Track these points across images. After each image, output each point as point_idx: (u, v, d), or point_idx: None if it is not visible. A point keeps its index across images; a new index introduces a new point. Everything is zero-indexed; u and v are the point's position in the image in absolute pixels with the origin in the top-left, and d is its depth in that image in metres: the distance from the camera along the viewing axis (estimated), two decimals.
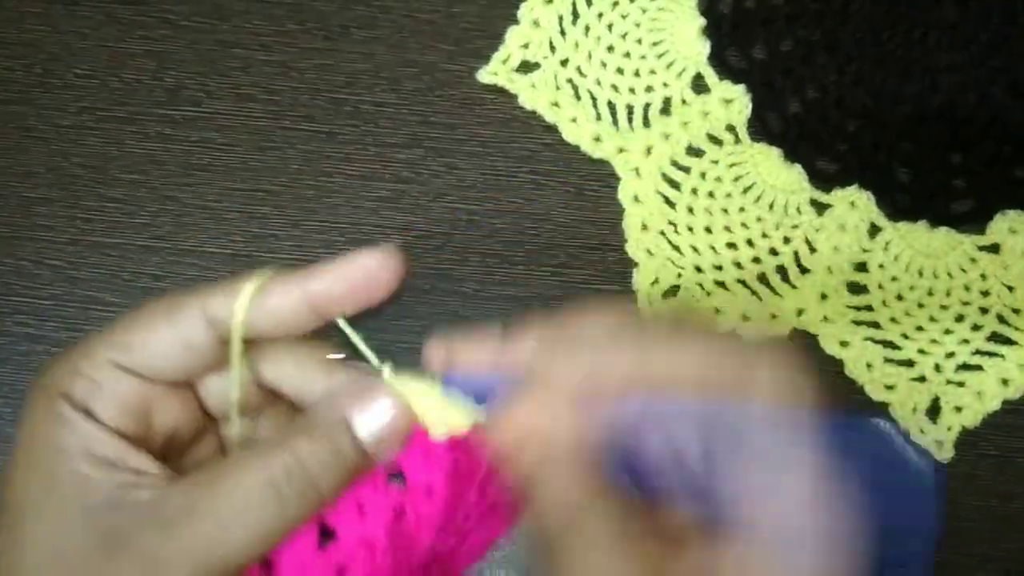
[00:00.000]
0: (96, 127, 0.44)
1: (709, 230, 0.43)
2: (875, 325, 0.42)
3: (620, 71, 0.44)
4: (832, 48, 0.44)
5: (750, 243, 0.42)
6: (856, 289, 0.42)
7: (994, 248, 0.42)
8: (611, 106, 0.44)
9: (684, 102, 0.44)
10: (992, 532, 0.41)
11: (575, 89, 0.44)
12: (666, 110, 0.44)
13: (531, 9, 0.44)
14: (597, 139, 0.43)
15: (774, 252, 0.42)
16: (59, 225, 0.43)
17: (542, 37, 0.44)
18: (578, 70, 0.44)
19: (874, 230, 0.42)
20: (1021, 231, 0.42)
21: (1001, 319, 0.42)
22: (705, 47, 0.44)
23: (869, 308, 0.42)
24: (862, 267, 0.42)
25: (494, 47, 0.44)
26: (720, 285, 0.42)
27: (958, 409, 0.41)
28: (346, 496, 0.26)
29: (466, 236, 0.43)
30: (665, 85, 0.44)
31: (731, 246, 0.42)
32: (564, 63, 0.44)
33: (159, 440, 0.27)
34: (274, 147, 0.44)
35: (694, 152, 0.43)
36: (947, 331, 0.41)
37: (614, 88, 0.44)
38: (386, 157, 0.44)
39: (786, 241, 0.42)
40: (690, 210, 0.43)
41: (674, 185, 0.43)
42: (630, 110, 0.44)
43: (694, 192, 0.43)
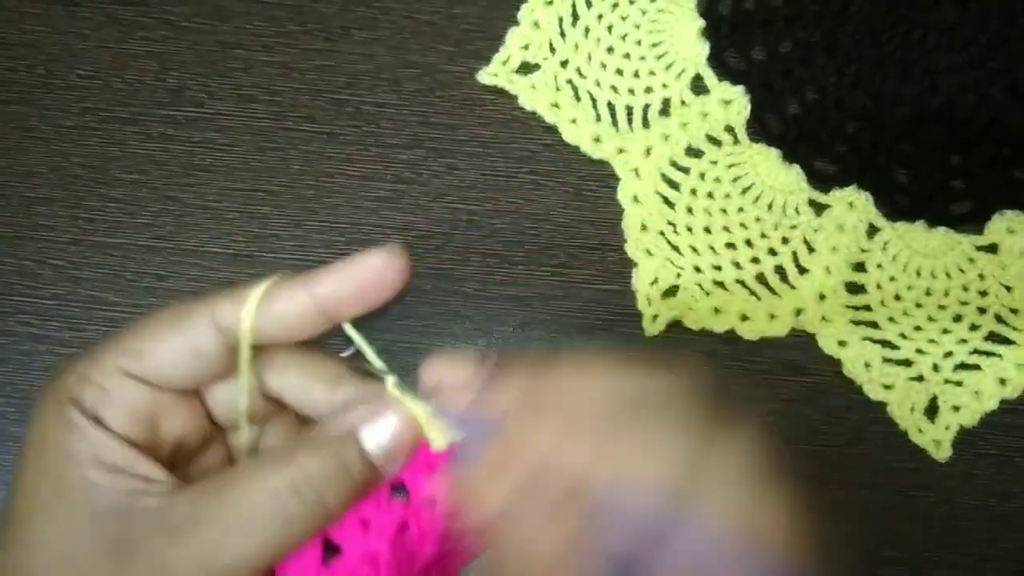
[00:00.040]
0: (98, 128, 0.44)
1: (708, 230, 0.43)
2: (873, 325, 0.42)
3: (620, 72, 0.44)
4: (831, 49, 0.44)
5: (749, 243, 0.43)
6: (854, 289, 0.42)
7: (992, 248, 0.42)
8: (611, 107, 0.44)
9: (683, 103, 0.44)
10: (990, 531, 0.41)
11: (575, 90, 0.44)
12: (665, 111, 0.44)
13: (531, 11, 0.45)
14: (597, 140, 0.43)
15: (773, 252, 0.43)
16: (61, 225, 0.43)
17: (542, 38, 0.44)
18: (578, 71, 0.44)
19: (872, 230, 0.43)
20: (1019, 231, 0.42)
21: (999, 319, 0.42)
22: (704, 48, 0.44)
23: (867, 308, 0.42)
24: (860, 267, 0.42)
25: (494, 48, 0.44)
26: (719, 285, 0.42)
27: (956, 408, 0.41)
28: (350, 513, 0.26)
29: (466, 236, 0.43)
30: (664, 86, 0.44)
31: (730, 246, 0.43)
32: (564, 64, 0.44)
33: (167, 448, 0.27)
34: (275, 148, 0.44)
35: (693, 153, 0.43)
36: (945, 331, 0.42)
37: (614, 89, 0.44)
38: (387, 158, 0.44)
39: (785, 241, 0.43)
40: (689, 210, 0.43)
41: (673, 186, 0.43)
42: (629, 111, 0.44)
43: (693, 192, 0.43)
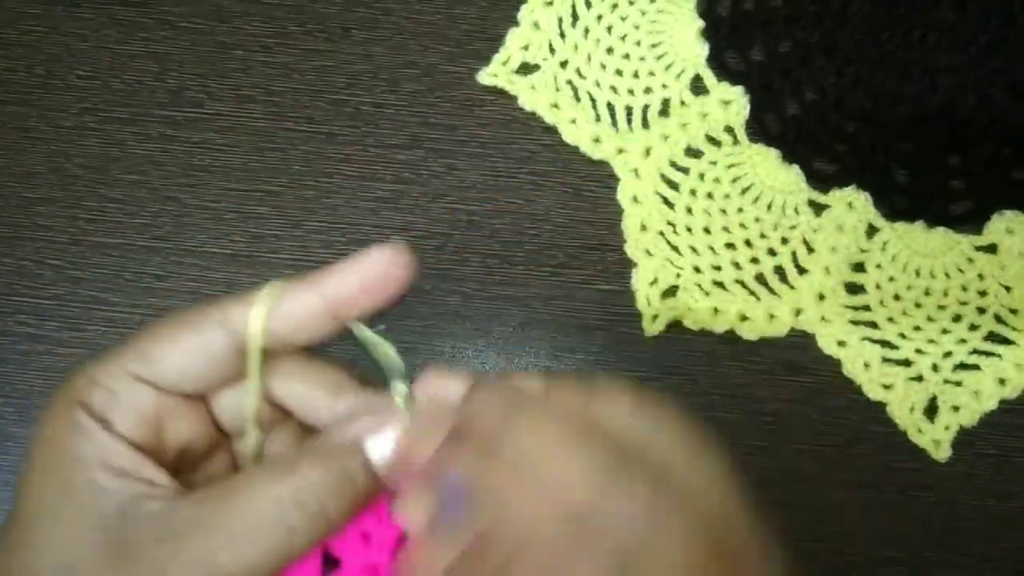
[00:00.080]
0: (97, 128, 0.44)
1: (708, 230, 0.43)
2: (873, 325, 0.42)
3: (619, 73, 0.44)
4: (830, 50, 0.44)
5: (748, 243, 0.43)
6: (854, 289, 0.42)
7: (991, 248, 0.42)
8: (610, 107, 0.44)
9: (683, 103, 0.44)
10: (990, 531, 0.41)
11: (575, 90, 0.44)
12: (665, 111, 0.44)
13: (531, 11, 0.45)
14: (596, 140, 0.43)
15: (772, 252, 0.43)
16: (60, 225, 0.43)
17: (542, 39, 0.44)
18: (577, 72, 0.44)
19: (872, 231, 0.43)
20: (1018, 231, 0.42)
21: (998, 319, 0.42)
22: (704, 49, 0.44)
23: (867, 308, 0.42)
24: (860, 267, 0.42)
25: (494, 49, 0.44)
26: (718, 285, 0.42)
27: (955, 408, 0.41)
28: (351, 526, 0.25)
29: (466, 236, 0.43)
30: (664, 87, 0.44)
31: (729, 246, 0.43)
32: (564, 65, 0.44)
33: (172, 453, 0.27)
34: (275, 148, 0.44)
35: (693, 153, 0.43)
36: (944, 331, 0.42)
37: (613, 90, 0.44)
38: (386, 158, 0.44)
39: (784, 242, 0.43)
40: (689, 211, 0.43)
41: (673, 186, 0.43)
42: (629, 111, 0.44)
43: (693, 193, 0.43)
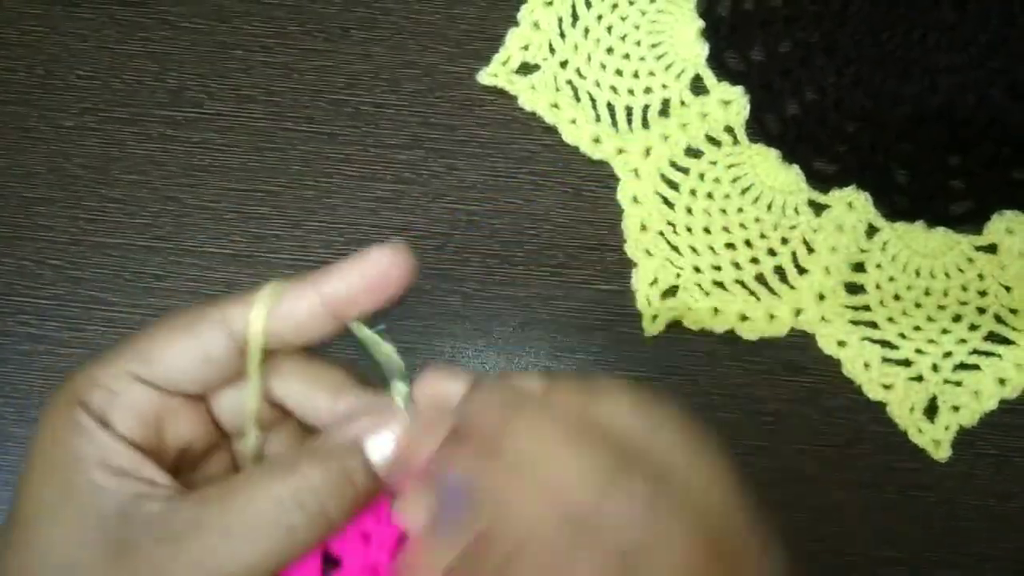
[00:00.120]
0: (97, 128, 0.44)
1: (708, 231, 0.43)
2: (873, 325, 0.42)
3: (619, 73, 0.44)
4: (830, 50, 0.44)
5: (748, 244, 0.43)
6: (854, 289, 0.42)
7: (991, 248, 0.42)
8: (610, 107, 0.44)
9: (683, 103, 0.44)
10: (990, 531, 0.41)
11: (575, 91, 0.44)
12: (665, 111, 0.44)
13: (531, 11, 0.45)
14: (596, 140, 0.43)
15: (772, 252, 0.43)
16: (60, 225, 0.43)
17: (542, 39, 0.44)
18: (577, 72, 0.44)
19: (872, 231, 0.43)
20: (1018, 231, 0.42)
21: (998, 319, 0.42)
22: (704, 49, 0.44)
23: (867, 308, 0.42)
24: (860, 267, 0.42)
25: (494, 49, 0.44)
26: (718, 285, 0.42)
27: (955, 408, 0.41)
28: (351, 526, 0.25)
29: (466, 236, 0.43)
30: (664, 87, 0.44)
31: (729, 246, 0.43)
32: (563, 65, 0.44)
33: (172, 453, 0.27)
34: (275, 148, 0.44)
35: (693, 153, 0.43)
36: (944, 331, 0.42)
37: (613, 90, 0.44)
38: (386, 158, 0.44)
39: (784, 242, 0.43)
40: (689, 211, 0.43)
41: (673, 186, 0.43)
42: (629, 111, 0.44)
43: (693, 193, 0.43)
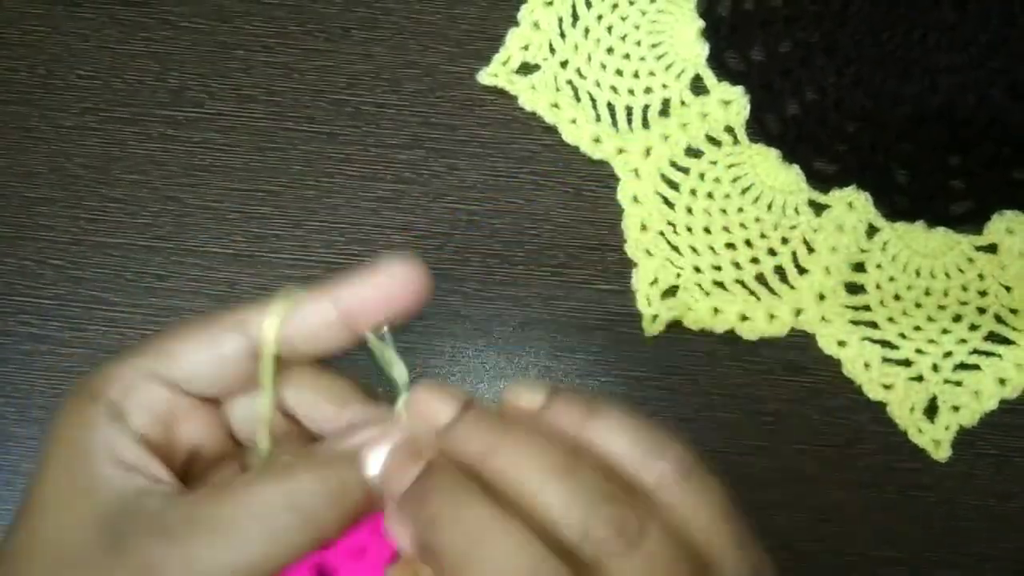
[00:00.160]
0: (98, 128, 0.44)
1: (708, 230, 0.43)
2: (873, 325, 0.42)
3: (619, 73, 0.44)
4: (831, 49, 0.44)
5: (748, 243, 0.43)
6: (854, 289, 0.42)
7: (991, 248, 0.42)
8: (610, 107, 0.44)
9: (683, 103, 0.44)
10: (990, 531, 0.41)
11: (575, 90, 0.44)
12: (665, 111, 0.44)
13: (531, 11, 0.45)
14: (596, 140, 0.43)
15: (772, 252, 0.43)
16: (62, 225, 0.43)
17: (542, 39, 0.44)
18: (578, 72, 0.44)
19: (872, 231, 0.43)
20: (1018, 231, 0.42)
21: (998, 319, 0.42)
22: (704, 49, 0.44)
23: (867, 308, 0.42)
24: (860, 267, 0.42)
25: (494, 49, 0.44)
26: (718, 285, 0.42)
27: (956, 408, 0.41)
28: (346, 540, 0.26)
29: (466, 236, 0.43)
30: (664, 87, 0.44)
31: (730, 246, 0.43)
32: (564, 65, 0.44)
33: (181, 455, 0.27)
34: (275, 148, 0.44)
35: (693, 153, 0.43)
36: (945, 331, 0.42)
37: (613, 90, 0.44)
38: (387, 158, 0.44)
39: (784, 242, 0.43)
40: (689, 211, 0.43)
41: (673, 186, 0.43)
42: (629, 111, 0.44)
43: (693, 193, 0.43)
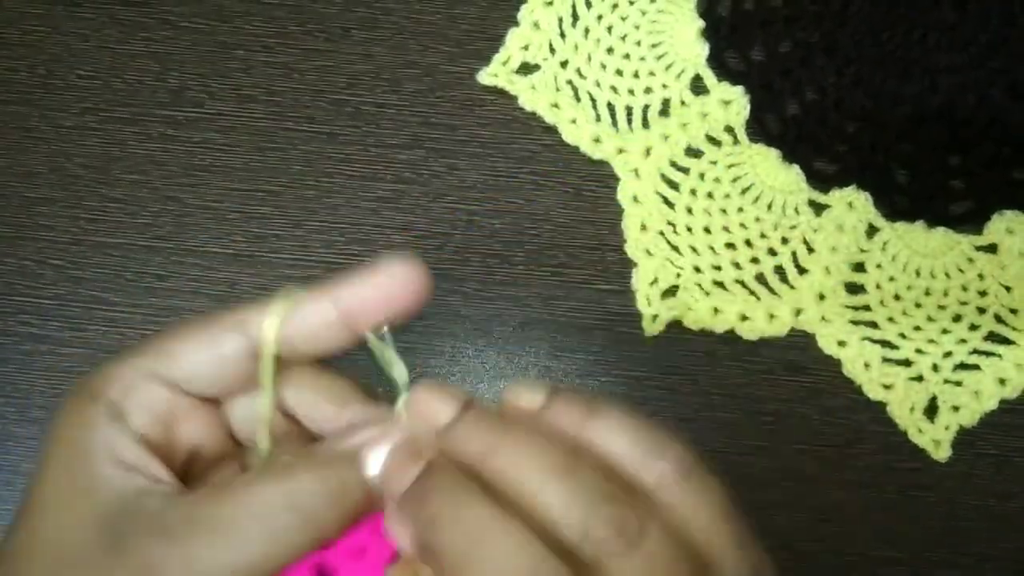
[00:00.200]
0: (98, 128, 0.44)
1: (708, 230, 0.43)
2: (873, 325, 0.42)
3: (619, 73, 0.44)
4: (831, 50, 0.44)
5: (748, 243, 0.43)
6: (854, 289, 0.42)
7: (991, 248, 0.42)
8: (610, 107, 0.44)
9: (683, 103, 0.44)
10: (990, 531, 0.41)
11: (575, 90, 0.44)
12: (665, 111, 0.44)
13: (531, 11, 0.45)
14: (596, 140, 0.43)
15: (772, 252, 0.43)
16: (62, 225, 0.43)
17: (542, 39, 0.44)
18: (578, 72, 0.44)
19: (872, 231, 0.43)
20: (1018, 231, 0.42)
21: (998, 319, 0.42)
22: (704, 49, 0.44)
23: (867, 308, 0.42)
24: (860, 267, 0.42)
25: (494, 49, 0.44)
26: (718, 285, 0.42)
27: (956, 408, 0.41)
28: (346, 540, 0.26)
29: (466, 236, 0.43)
30: (664, 87, 0.44)
31: (730, 246, 0.43)
32: (564, 65, 0.44)
33: (181, 455, 0.27)
34: (275, 148, 0.44)
35: (693, 153, 0.43)
36: (945, 331, 0.42)
37: (613, 90, 0.44)
38: (387, 158, 0.44)
39: (784, 241, 0.43)
40: (689, 210, 0.43)
41: (673, 186, 0.43)
42: (629, 111, 0.44)
43: (693, 193, 0.43)
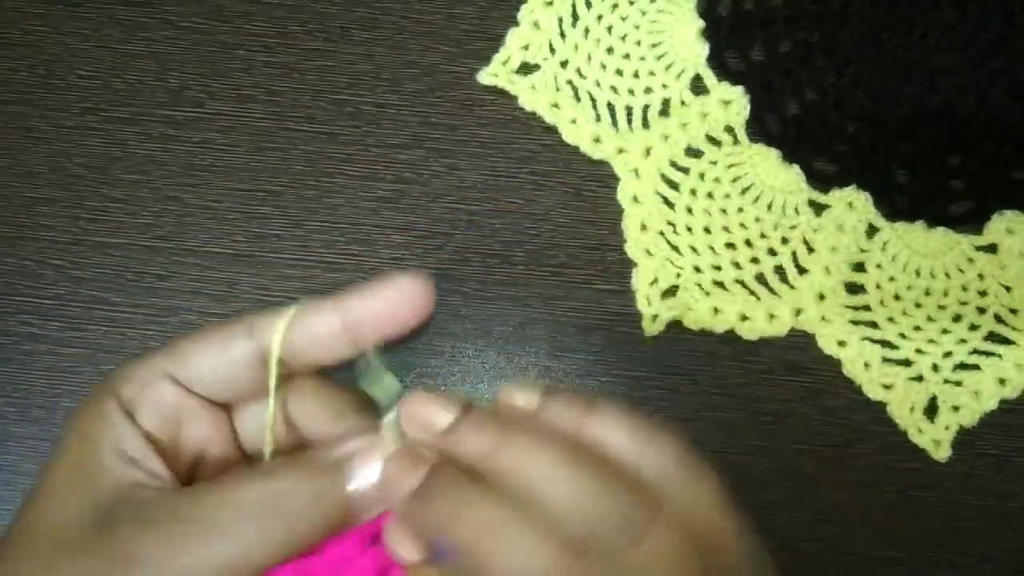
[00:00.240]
0: (99, 128, 0.44)
1: (708, 230, 0.43)
2: (873, 325, 0.42)
3: (619, 73, 0.44)
4: (831, 49, 0.44)
5: (748, 243, 0.43)
6: (854, 289, 0.42)
7: (991, 248, 0.42)
8: (610, 107, 0.44)
9: (683, 103, 0.44)
10: (990, 531, 0.41)
11: (575, 90, 0.44)
12: (665, 111, 0.44)
13: (531, 11, 0.45)
14: (596, 140, 0.43)
15: (772, 252, 0.43)
16: (62, 225, 0.43)
17: (542, 39, 0.44)
18: (578, 72, 0.44)
19: (872, 231, 0.43)
20: (1018, 231, 0.42)
21: (998, 319, 0.42)
22: (704, 49, 0.44)
23: (867, 308, 0.42)
24: (860, 267, 0.42)
25: (494, 49, 0.44)
26: (719, 285, 0.42)
27: (956, 408, 0.41)
28: (330, 553, 0.26)
29: (466, 236, 0.43)
30: (664, 87, 0.44)
31: (730, 246, 0.43)
32: (564, 65, 0.44)
33: (188, 456, 0.28)
34: (276, 148, 0.44)
35: (693, 153, 0.43)
36: (944, 331, 0.42)
37: (613, 89, 0.44)
38: (387, 158, 0.44)
39: (784, 241, 0.43)
40: (689, 210, 0.43)
41: (673, 186, 0.43)
42: (629, 111, 0.44)
43: (693, 193, 0.43)
